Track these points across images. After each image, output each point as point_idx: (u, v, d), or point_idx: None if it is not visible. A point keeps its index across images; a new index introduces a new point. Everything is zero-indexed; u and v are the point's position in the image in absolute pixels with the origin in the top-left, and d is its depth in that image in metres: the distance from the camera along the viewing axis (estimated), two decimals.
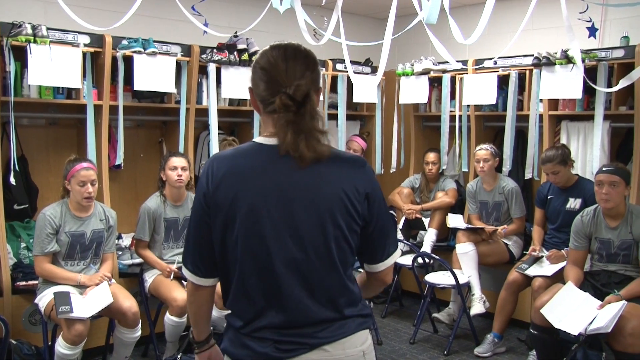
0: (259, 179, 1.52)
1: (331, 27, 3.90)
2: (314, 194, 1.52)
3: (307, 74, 1.54)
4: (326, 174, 1.54)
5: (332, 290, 1.55)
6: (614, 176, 3.39)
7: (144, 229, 3.89)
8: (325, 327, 1.54)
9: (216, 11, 4.94)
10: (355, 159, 1.64)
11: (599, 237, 3.54)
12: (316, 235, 1.52)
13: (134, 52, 4.07)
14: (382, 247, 1.65)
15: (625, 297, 3.25)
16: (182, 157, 3.98)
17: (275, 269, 1.51)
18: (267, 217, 1.51)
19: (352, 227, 1.56)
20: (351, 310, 1.58)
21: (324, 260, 1.53)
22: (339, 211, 1.53)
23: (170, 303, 3.69)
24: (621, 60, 4.18)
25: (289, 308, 1.52)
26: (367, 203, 1.58)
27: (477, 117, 5.13)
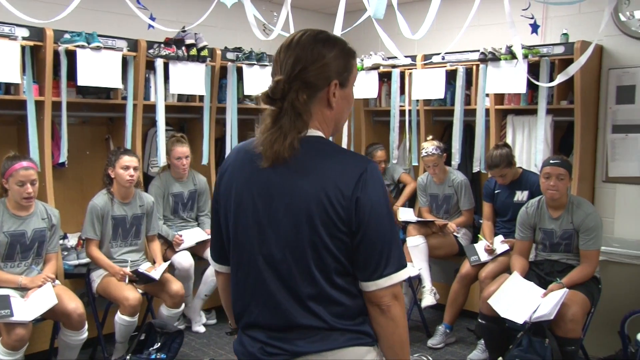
0: (249, 172, 1.51)
1: (281, 22, 3.90)
2: (293, 193, 1.44)
3: (300, 67, 1.46)
4: (311, 172, 1.44)
5: (311, 296, 1.45)
6: (560, 169, 3.49)
7: (92, 227, 3.79)
8: (309, 336, 1.46)
9: (163, 5, 4.85)
10: (353, 159, 1.49)
11: (542, 228, 3.65)
12: (292, 237, 1.44)
13: (77, 46, 3.95)
14: (372, 263, 1.45)
15: (566, 285, 3.37)
16: (134, 156, 3.90)
17: (258, 265, 1.49)
18: (253, 212, 1.49)
19: (334, 234, 1.43)
20: (341, 323, 1.46)
21: (300, 264, 1.44)
22: (318, 214, 1.42)
23: (121, 302, 3.61)
24: (561, 56, 4.32)
25: (270, 307, 1.48)
26: (354, 209, 1.42)
27: (426, 112, 5.20)
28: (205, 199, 4.72)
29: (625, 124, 4.43)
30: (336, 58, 1.50)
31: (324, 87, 1.49)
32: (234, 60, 4.94)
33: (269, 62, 5.08)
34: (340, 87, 1.52)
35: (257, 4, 3.81)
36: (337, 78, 1.50)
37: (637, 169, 4.39)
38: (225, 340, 4.36)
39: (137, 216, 3.94)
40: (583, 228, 3.46)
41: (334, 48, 1.50)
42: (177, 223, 4.58)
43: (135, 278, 3.76)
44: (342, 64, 1.52)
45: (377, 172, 1.48)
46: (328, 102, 1.51)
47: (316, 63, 1.47)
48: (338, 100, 1.52)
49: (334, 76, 1.50)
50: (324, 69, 1.48)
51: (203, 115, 4.82)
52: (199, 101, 4.83)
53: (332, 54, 1.50)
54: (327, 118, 1.53)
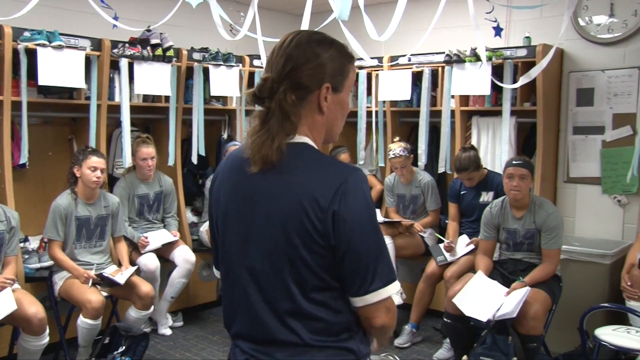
0: (236, 180, 1.46)
1: (247, 22, 3.88)
2: (272, 203, 1.38)
3: (290, 67, 1.40)
4: (292, 181, 1.37)
5: (288, 312, 1.39)
6: (523, 169, 3.56)
7: (56, 227, 3.71)
8: (286, 350, 1.40)
9: (128, 4, 4.78)
10: (335, 168, 1.40)
11: (506, 227, 3.71)
12: (271, 248, 1.39)
13: (38, 44, 3.87)
14: (357, 279, 1.38)
15: (528, 284, 3.44)
16: (101, 157, 3.83)
17: (242, 277, 1.44)
18: (236, 221, 1.45)
19: (313, 248, 1.36)
20: (320, 340, 1.39)
21: (278, 278, 1.39)
22: (294, 227, 1.35)
23: (84, 305, 3.55)
24: (524, 59, 4.41)
25: (252, 320, 1.44)
26: (331, 223, 1.34)
27: (392, 113, 5.25)
28: (171, 201, 4.68)
29: (585, 125, 4.54)
30: (331, 60, 1.43)
31: (315, 89, 1.42)
32: (201, 61, 4.90)
33: (236, 62, 5.06)
34: (334, 92, 1.44)
35: (223, 4, 3.79)
36: (330, 81, 1.43)
37: (596, 170, 4.51)
38: (191, 343, 4.32)
39: (102, 217, 3.88)
40: (545, 227, 3.53)
41: (329, 49, 1.44)
42: (143, 225, 4.52)
43: (100, 281, 3.70)
44: (337, 67, 1.44)
45: (360, 182, 1.38)
46: (319, 107, 1.43)
47: (309, 63, 1.40)
48: (330, 106, 1.44)
49: (327, 79, 1.42)
50: (316, 70, 1.41)
51: (169, 116, 4.77)
52: (164, 102, 4.78)
53: (327, 55, 1.43)
54: (318, 124, 1.46)
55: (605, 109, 4.45)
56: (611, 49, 4.42)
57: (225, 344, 4.27)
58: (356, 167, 1.43)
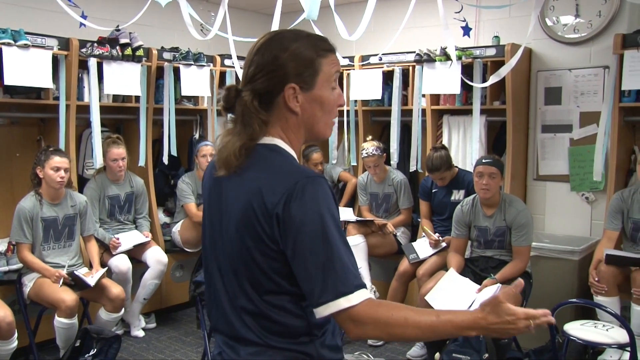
0: (212, 182, 1.50)
1: (218, 22, 3.85)
2: (231, 206, 1.41)
3: (253, 72, 1.40)
4: (246, 184, 1.37)
5: (247, 311, 1.40)
6: (492, 168, 3.61)
7: (22, 230, 3.64)
8: (249, 347, 1.41)
9: (96, 3, 4.70)
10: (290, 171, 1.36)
11: (477, 225, 3.76)
12: (229, 250, 1.42)
13: (3, 44, 3.78)
14: (306, 288, 1.32)
15: (499, 280, 3.49)
16: (65, 156, 3.77)
17: (213, 274, 1.50)
18: (210, 222, 1.51)
19: (265, 251, 1.34)
20: (279, 341, 1.38)
21: (237, 278, 1.41)
22: (246, 229, 1.35)
23: (58, 305, 3.50)
24: (493, 58, 4.47)
25: (221, 315, 1.48)
26: (277, 226, 1.31)
27: (364, 112, 5.27)
28: (142, 201, 4.63)
29: (553, 124, 4.62)
30: (293, 59, 1.38)
31: (279, 92, 1.39)
32: (171, 60, 4.85)
33: (207, 62, 5.02)
34: (304, 90, 1.39)
35: (194, 3, 3.76)
36: (294, 81, 1.38)
37: (564, 167, 4.59)
38: (165, 344, 4.28)
39: (70, 216, 3.82)
40: (515, 225, 3.59)
41: (291, 47, 1.38)
42: (114, 226, 4.47)
43: (71, 282, 3.64)
44: (301, 64, 1.38)
45: (314, 189, 1.31)
46: (289, 108, 1.40)
47: (266, 67, 1.38)
48: (304, 105, 1.40)
49: (291, 79, 1.38)
50: (274, 74, 1.38)
51: (139, 116, 4.71)
52: (135, 102, 4.72)
53: (287, 55, 1.38)
54: (292, 125, 1.43)
55: (572, 107, 4.53)
56: (577, 48, 4.50)
57: (198, 344, 4.24)
58: (316, 174, 1.36)
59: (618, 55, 3.97)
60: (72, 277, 3.64)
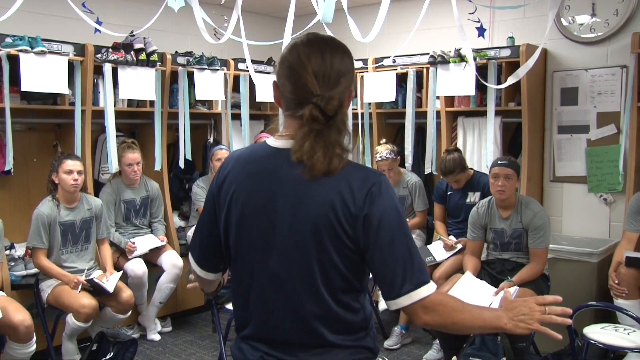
0: (252, 182, 1.43)
1: (231, 26, 3.86)
2: (300, 208, 1.37)
3: (342, 80, 1.39)
4: (319, 187, 1.36)
5: (312, 317, 1.40)
6: (508, 169, 3.57)
7: (39, 235, 3.67)
8: (307, 350, 1.42)
9: (110, 9, 4.74)
10: (363, 173, 1.40)
11: (493, 227, 3.72)
12: (297, 254, 1.38)
13: (20, 50, 3.83)
14: (387, 282, 1.38)
15: (517, 283, 3.45)
16: (76, 159, 3.81)
17: (260, 282, 1.43)
18: (255, 225, 1.42)
19: (343, 251, 1.37)
20: (342, 339, 1.42)
21: (304, 283, 1.39)
22: (326, 232, 1.35)
23: (77, 310, 3.54)
24: (508, 59, 4.44)
25: (269, 324, 1.44)
26: (362, 226, 1.35)
27: (378, 115, 5.26)
28: (158, 205, 4.65)
29: (570, 124, 4.57)
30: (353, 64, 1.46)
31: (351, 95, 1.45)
32: (185, 65, 4.87)
33: (220, 66, 5.03)
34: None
35: (207, 7, 3.76)
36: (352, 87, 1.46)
37: (582, 169, 4.54)
38: (180, 348, 4.29)
39: (86, 220, 3.86)
40: (532, 227, 3.55)
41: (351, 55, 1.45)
42: (130, 230, 4.49)
43: (89, 288, 3.67)
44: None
45: (388, 185, 1.40)
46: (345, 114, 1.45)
47: (348, 76, 1.41)
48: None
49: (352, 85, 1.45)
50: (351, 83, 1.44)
51: (154, 121, 4.74)
52: (149, 106, 4.75)
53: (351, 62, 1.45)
54: None
55: (589, 107, 4.48)
56: (594, 48, 4.46)
57: (214, 348, 4.25)
58: (381, 173, 1.44)
59: (637, 54, 3.92)
60: (90, 283, 3.66)
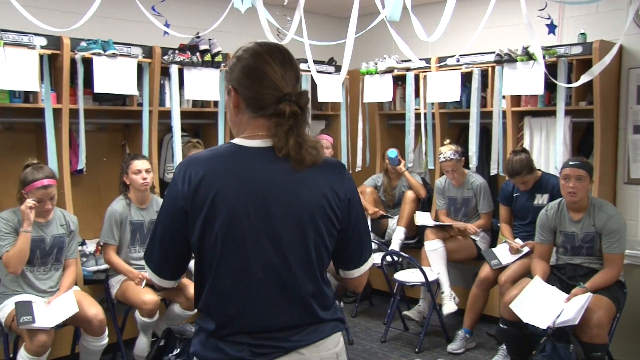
0: (238, 181, 1.48)
1: (294, 26, 3.88)
2: (294, 199, 1.50)
3: (299, 79, 1.56)
4: (307, 178, 1.52)
5: (309, 296, 1.53)
6: (580, 170, 3.44)
7: (111, 232, 3.78)
8: (300, 331, 1.53)
9: (177, 11, 4.85)
10: (335, 163, 1.62)
11: (563, 231, 3.60)
12: (295, 241, 1.50)
13: (94, 54, 3.96)
14: (358, 253, 1.65)
15: (590, 289, 3.32)
16: (144, 159, 3.91)
17: (252, 273, 1.49)
18: (246, 221, 1.47)
19: (332, 233, 1.56)
20: (326, 314, 1.58)
21: (303, 266, 1.52)
22: (320, 217, 1.52)
23: (140, 307, 3.62)
24: (579, 56, 4.26)
25: (264, 313, 1.50)
26: (347, 209, 1.57)
27: (441, 115, 5.17)
28: None
29: None
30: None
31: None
32: None
33: None
34: None
35: (270, 8, 3.79)
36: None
37: None
38: None
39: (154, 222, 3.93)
40: (606, 231, 3.41)
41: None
42: None
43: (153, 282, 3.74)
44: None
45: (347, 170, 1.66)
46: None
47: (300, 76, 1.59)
48: None
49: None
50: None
51: (217, 121, 4.81)
52: (213, 106, 4.83)
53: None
54: None
55: None
56: None
57: None
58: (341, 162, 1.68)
59: None
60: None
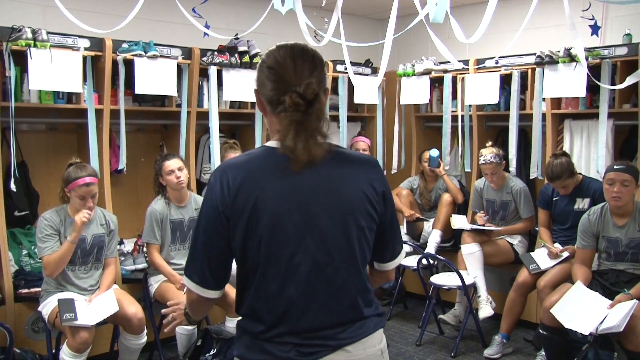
0: (277, 183, 1.50)
1: (331, 28, 3.87)
2: (334, 196, 1.52)
3: (315, 74, 1.52)
4: (343, 175, 1.55)
5: (355, 292, 1.56)
6: (625, 174, 3.36)
7: (153, 232, 3.81)
8: (346, 329, 1.54)
9: (216, 13, 4.90)
10: (368, 159, 1.67)
11: (606, 236, 3.52)
12: (339, 237, 1.52)
13: (135, 55, 4.02)
14: (392, 246, 1.69)
15: (635, 296, 3.23)
16: (175, 158, 3.90)
17: (299, 273, 1.50)
18: (289, 221, 1.49)
19: (372, 227, 1.58)
20: (369, 311, 1.59)
21: (348, 263, 1.54)
22: (360, 212, 1.54)
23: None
24: (624, 57, 4.16)
25: (312, 312, 1.51)
26: (383, 202, 1.60)
27: (479, 117, 5.11)
28: None
29: None
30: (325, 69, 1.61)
31: (327, 92, 1.60)
32: None
33: None
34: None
35: (308, 10, 3.80)
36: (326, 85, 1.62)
37: None
38: None
39: (194, 219, 3.96)
40: None
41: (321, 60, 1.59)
42: None
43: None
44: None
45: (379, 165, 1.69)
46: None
47: (323, 69, 1.56)
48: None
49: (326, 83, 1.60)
50: (325, 75, 1.58)
51: (254, 122, 4.84)
52: (250, 108, 4.86)
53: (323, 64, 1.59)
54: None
55: None
56: None
57: None
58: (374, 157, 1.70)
59: None
60: None
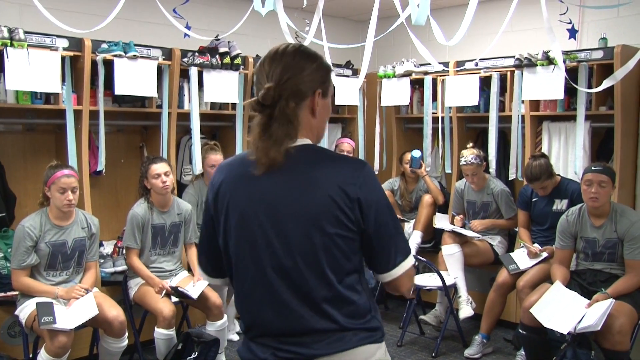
0: (246, 186, 1.54)
1: (312, 29, 3.88)
2: (298, 201, 1.49)
3: (288, 76, 1.51)
4: (311, 179, 1.51)
5: (326, 299, 1.50)
6: (602, 175, 3.41)
7: (134, 236, 3.78)
8: (322, 339, 1.50)
9: (197, 14, 4.87)
10: (350, 161, 1.59)
11: (584, 236, 3.57)
12: (303, 242, 1.49)
13: (115, 55, 3.99)
14: (385, 256, 1.56)
15: (612, 295, 3.29)
16: (162, 162, 3.89)
17: (267, 276, 1.51)
18: (256, 224, 1.52)
19: (344, 234, 1.50)
20: (352, 322, 1.52)
21: (312, 269, 1.49)
22: (326, 218, 1.48)
23: (157, 314, 3.61)
24: (600, 61, 4.23)
25: (283, 315, 1.51)
26: (359, 209, 1.50)
27: (459, 119, 5.15)
28: None
29: None
30: (319, 68, 1.58)
31: (310, 95, 1.55)
32: None
33: None
34: (323, 97, 1.59)
35: (288, 11, 3.80)
36: (320, 87, 1.57)
37: None
38: None
39: (176, 224, 3.94)
40: (628, 237, 3.38)
41: (315, 61, 1.58)
42: None
43: (173, 293, 3.74)
44: (323, 75, 1.59)
45: (373, 172, 1.59)
46: (312, 111, 1.57)
47: (304, 71, 1.53)
48: (320, 110, 1.59)
49: (318, 85, 1.56)
50: (310, 77, 1.54)
51: (235, 123, 4.82)
52: (231, 109, 4.84)
53: (314, 66, 1.56)
54: (313, 127, 1.60)
55: None
56: None
57: None
58: (364, 161, 1.63)
59: None
60: (176, 291, 3.69)
